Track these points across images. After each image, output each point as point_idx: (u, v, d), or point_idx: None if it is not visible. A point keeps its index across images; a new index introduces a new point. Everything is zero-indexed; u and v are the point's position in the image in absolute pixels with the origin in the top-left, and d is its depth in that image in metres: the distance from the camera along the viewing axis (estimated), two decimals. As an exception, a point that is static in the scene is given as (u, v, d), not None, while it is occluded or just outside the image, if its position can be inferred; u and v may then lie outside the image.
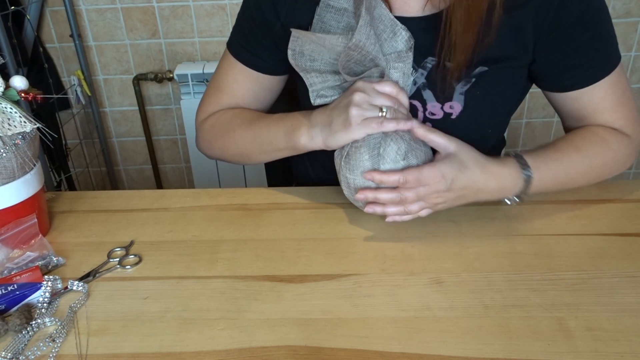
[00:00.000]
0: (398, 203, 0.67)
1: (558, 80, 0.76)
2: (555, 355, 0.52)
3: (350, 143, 0.68)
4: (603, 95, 0.75)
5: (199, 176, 1.86)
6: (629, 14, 1.75)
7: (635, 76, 1.87)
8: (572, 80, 0.75)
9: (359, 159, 0.67)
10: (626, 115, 0.76)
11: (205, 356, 0.54)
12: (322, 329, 0.56)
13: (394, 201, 0.67)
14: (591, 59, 0.74)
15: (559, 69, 0.75)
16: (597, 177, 0.76)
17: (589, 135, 0.75)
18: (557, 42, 0.73)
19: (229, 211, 0.78)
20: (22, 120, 0.66)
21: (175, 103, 1.86)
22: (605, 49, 0.74)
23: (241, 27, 0.83)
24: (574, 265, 0.64)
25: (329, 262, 0.66)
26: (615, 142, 0.75)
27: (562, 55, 0.74)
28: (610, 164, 0.75)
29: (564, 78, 0.76)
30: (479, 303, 0.59)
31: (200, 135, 0.87)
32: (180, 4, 1.70)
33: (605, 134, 0.75)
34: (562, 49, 0.73)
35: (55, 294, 0.62)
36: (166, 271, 0.66)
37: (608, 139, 0.75)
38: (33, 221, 0.68)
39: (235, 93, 0.85)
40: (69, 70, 1.81)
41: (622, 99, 0.76)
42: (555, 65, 0.75)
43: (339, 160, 0.71)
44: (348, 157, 0.69)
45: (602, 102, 0.75)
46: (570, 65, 0.74)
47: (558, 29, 0.72)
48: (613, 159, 0.75)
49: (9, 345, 0.55)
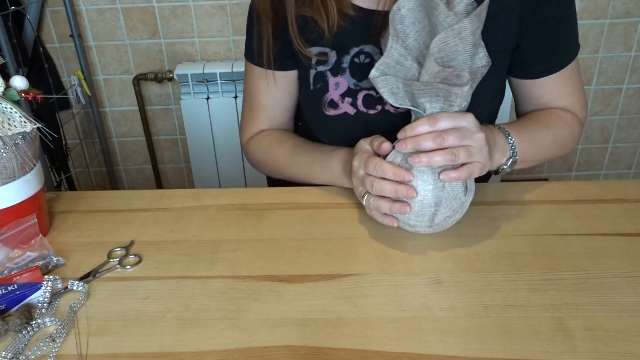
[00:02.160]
0: (439, 143, 0.62)
1: (533, 66, 0.80)
2: (555, 355, 0.52)
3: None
4: (565, 82, 0.82)
5: (199, 176, 1.86)
6: (629, 14, 1.75)
7: (635, 76, 1.87)
8: (545, 66, 0.80)
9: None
10: (579, 100, 0.84)
11: (205, 356, 0.54)
12: (322, 329, 0.56)
13: (435, 142, 0.62)
14: (563, 46, 0.79)
15: (536, 55, 0.79)
16: (557, 152, 0.83)
17: (553, 115, 0.82)
18: (537, 29, 0.76)
19: (229, 211, 0.78)
20: (22, 120, 0.66)
21: (175, 103, 1.87)
22: (574, 37, 0.80)
23: (249, 33, 0.87)
24: (574, 265, 0.64)
25: (329, 262, 0.66)
26: (572, 124, 0.83)
27: (541, 42, 0.77)
28: (568, 140, 0.83)
29: (538, 65, 0.80)
30: (479, 303, 0.59)
31: (249, 157, 0.95)
32: (180, 4, 1.70)
33: (565, 116, 0.82)
34: (541, 36, 0.77)
35: (55, 294, 0.62)
36: (166, 271, 0.66)
37: (567, 121, 0.82)
38: (33, 221, 0.68)
39: (264, 103, 0.90)
40: (69, 70, 1.81)
41: (579, 85, 0.83)
42: (533, 51, 0.79)
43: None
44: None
45: (564, 87, 0.82)
46: (547, 52, 0.78)
47: (539, 16, 0.75)
48: (571, 136, 0.83)
49: (9, 345, 0.55)
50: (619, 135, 1.99)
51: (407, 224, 0.67)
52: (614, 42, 1.81)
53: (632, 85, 1.89)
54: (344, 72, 0.81)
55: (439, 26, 0.62)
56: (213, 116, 1.73)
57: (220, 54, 1.79)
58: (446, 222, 0.67)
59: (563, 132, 0.81)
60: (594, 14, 1.75)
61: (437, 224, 0.66)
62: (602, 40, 1.80)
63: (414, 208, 0.64)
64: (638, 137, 2.00)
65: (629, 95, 1.91)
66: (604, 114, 1.95)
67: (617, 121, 1.96)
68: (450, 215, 0.66)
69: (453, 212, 0.66)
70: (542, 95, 0.83)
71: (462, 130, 0.63)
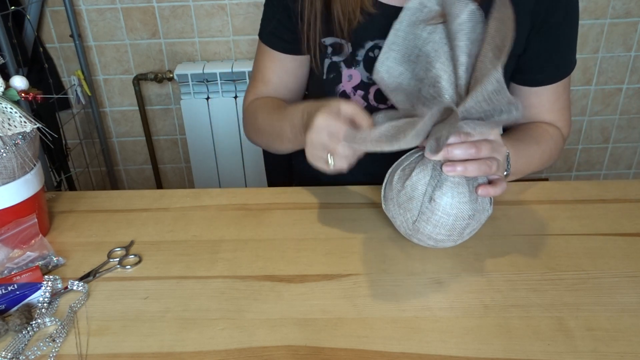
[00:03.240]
0: (472, 154, 0.59)
1: (533, 73, 0.81)
2: (555, 355, 0.52)
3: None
4: (557, 96, 0.83)
5: (199, 176, 1.86)
6: (629, 14, 1.75)
7: (635, 76, 1.87)
8: (544, 76, 0.81)
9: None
10: (565, 118, 0.85)
11: (205, 356, 0.54)
12: (322, 329, 0.56)
13: (468, 152, 0.59)
14: (563, 57, 0.80)
15: (538, 63, 0.79)
16: (542, 166, 0.82)
17: (541, 131, 0.83)
18: (544, 36, 0.77)
19: (229, 211, 0.78)
20: (22, 120, 0.66)
21: (175, 103, 1.86)
22: (573, 50, 0.81)
23: (265, 14, 0.87)
24: (574, 265, 0.64)
25: (329, 262, 0.66)
26: (556, 139, 0.83)
27: (544, 49, 0.78)
28: (554, 154, 0.84)
29: (538, 73, 0.80)
30: (479, 303, 0.59)
31: (244, 121, 0.93)
32: (180, 4, 1.70)
33: (551, 131, 0.83)
34: (546, 44, 0.77)
35: (55, 294, 0.62)
36: (166, 271, 0.66)
37: (553, 135, 0.83)
38: (33, 221, 0.68)
39: (267, 79, 0.89)
40: (69, 70, 1.80)
41: (567, 103, 0.84)
42: (536, 59, 0.79)
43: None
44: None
45: (555, 102, 0.83)
46: (548, 60, 0.79)
47: (547, 24, 0.76)
48: (556, 150, 0.84)
49: (9, 345, 0.55)
50: (619, 135, 1.99)
51: (433, 239, 0.63)
52: (614, 42, 1.81)
53: (632, 85, 1.89)
54: (358, 64, 0.81)
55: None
56: (213, 116, 1.73)
57: (220, 54, 1.79)
58: (469, 235, 0.65)
59: (550, 146, 0.82)
60: (594, 14, 1.75)
61: (463, 237, 0.64)
62: (602, 40, 1.80)
63: (447, 222, 0.61)
64: (638, 137, 2.00)
65: (629, 95, 1.91)
66: (604, 114, 1.95)
67: (617, 121, 1.96)
68: (476, 228, 0.64)
69: (479, 225, 0.64)
70: (534, 105, 0.83)
71: (491, 143, 0.61)
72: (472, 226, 0.63)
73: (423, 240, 0.65)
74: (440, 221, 0.61)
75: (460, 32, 0.60)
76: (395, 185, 0.65)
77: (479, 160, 0.59)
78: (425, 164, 0.62)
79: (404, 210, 0.64)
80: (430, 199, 0.61)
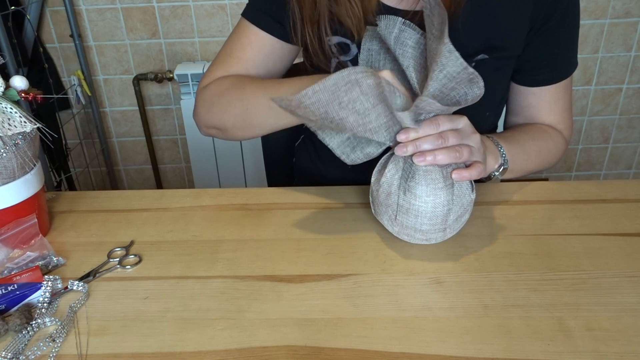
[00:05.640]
0: (440, 144, 0.61)
1: (531, 74, 0.81)
2: (555, 355, 0.52)
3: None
4: (558, 97, 0.82)
5: (199, 176, 1.86)
6: (629, 14, 1.75)
7: (635, 76, 1.87)
8: (544, 77, 0.81)
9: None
10: (566, 119, 0.85)
11: (205, 356, 0.54)
12: (322, 329, 0.56)
13: (436, 143, 0.61)
14: (562, 58, 0.80)
15: (537, 63, 0.79)
16: (541, 165, 0.82)
17: (538, 129, 0.83)
18: (543, 36, 0.77)
19: (229, 211, 0.78)
20: (22, 120, 0.66)
21: (175, 103, 1.87)
22: (573, 52, 0.81)
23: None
24: (574, 265, 0.64)
25: (329, 262, 0.66)
26: (556, 139, 0.83)
27: (543, 50, 0.78)
28: (553, 153, 0.83)
29: (538, 73, 0.81)
30: (479, 303, 0.59)
31: (201, 99, 0.82)
32: (180, 4, 1.70)
33: (550, 131, 0.83)
34: (545, 44, 0.78)
35: (55, 294, 0.62)
36: (166, 271, 0.66)
37: (552, 135, 0.83)
38: (33, 221, 0.68)
39: (246, 57, 0.82)
40: (69, 70, 1.81)
41: (568, 105, 0.84)
42: (536, 60, 0.79)
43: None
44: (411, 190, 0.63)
45: (555, 103, 0.83)
46: (547, 61, 0.79)
47: (546, 24, 0.76)
48: (555, 149, 0.83)
49: (9, 345, 0.55)
50: (619, 135, 1.99)
51: (419, 231, 0.65)
52: (614, 42, 1.81)
53: (632, 85, 1.89)
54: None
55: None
56: (213, 116, 1.73)
57: (220, 54, 1.79)
58: (457, 223, 0.66)
59: (547, 145, 0.82)
60: (594, 14, 1.75)
61: (449, 226, 0.65)
62: (602, 40, 1.80)
63: (426, 209, 0.63)
64: (638, 137, 2.00)
65: (629, 95, 1.91)
66: (604, 114, 1.95)
67: (617, 121, 1.96)
68: (461, 215, 0.65)
69: (464, 211, 0.65)
70: (533, 106, 0.83)
71: (460, 132, 0.63)
72: (456, 212, 0.64)
73: (412, 235, 0.66)
74: (420, 210, 0.63)
75: (402, 56, 0.64)
76: (374, 186, 0.68)
77: (448, 147, 0.61)
78: (397, 160, 0.65)
79: (386, 207, 0.66)
80: (405, 190, 0.63)
